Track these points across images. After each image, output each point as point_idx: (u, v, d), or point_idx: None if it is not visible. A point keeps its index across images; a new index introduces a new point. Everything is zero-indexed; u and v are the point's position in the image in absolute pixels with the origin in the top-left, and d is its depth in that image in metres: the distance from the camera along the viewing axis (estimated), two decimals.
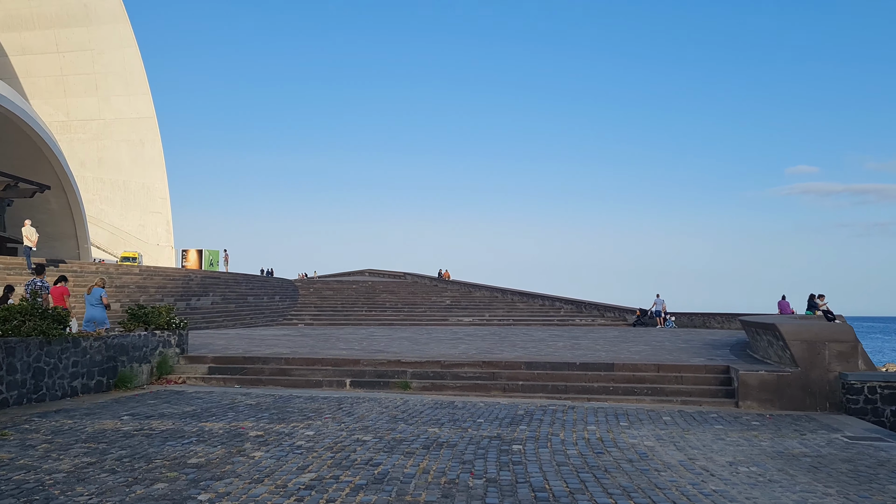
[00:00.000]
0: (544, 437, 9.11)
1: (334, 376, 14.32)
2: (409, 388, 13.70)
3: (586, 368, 13.81)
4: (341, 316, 39.37)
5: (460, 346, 19.30)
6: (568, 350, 17.98)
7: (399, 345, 19.63)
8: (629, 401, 12.56)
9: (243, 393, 13.13)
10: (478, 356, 15.64)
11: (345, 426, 9.64)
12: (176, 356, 15.26)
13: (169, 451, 7.92)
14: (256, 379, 14.43)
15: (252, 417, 10.30)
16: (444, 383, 13.71)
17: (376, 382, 13.93)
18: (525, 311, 41.89)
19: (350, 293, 47.60)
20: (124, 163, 72.28)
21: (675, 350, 18.30)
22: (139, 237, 71.68)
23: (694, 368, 13.48)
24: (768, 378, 12.00)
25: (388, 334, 25.66)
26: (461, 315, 39.54)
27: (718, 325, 36.08)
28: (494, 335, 25.47)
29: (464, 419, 10.38)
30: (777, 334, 12.47)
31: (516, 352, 17.19)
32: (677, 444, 8.71)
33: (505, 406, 11.76)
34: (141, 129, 72.84)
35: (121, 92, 71.56)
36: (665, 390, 12.83)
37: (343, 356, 15.53)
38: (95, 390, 12.83)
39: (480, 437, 8.97)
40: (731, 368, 13.07)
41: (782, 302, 33.06)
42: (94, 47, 69.42)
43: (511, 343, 20.77)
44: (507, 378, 13.72)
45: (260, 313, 36.96)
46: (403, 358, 15.01)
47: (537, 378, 13.65)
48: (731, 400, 12.35)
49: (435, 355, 15.78)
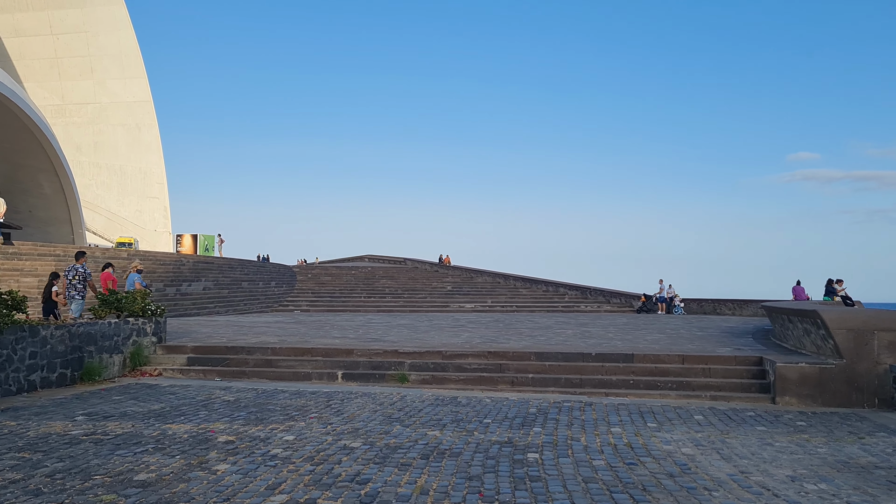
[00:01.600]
0: (563, 442, 7.80)
1: (325, 368, 13.03)
2: (407, 381, 12.40)
3: (603, 360, 12.49)
4: (339, 302, 38.11)
5: (463, 334, 18.00)
6: (579, 338, 16.68)
7: (397, 333, 18.34)
8: (652, 396, 11.26)
9: (223, 387, 11.84)
10: (482, 346, 14.34)
11: (331, 429, 8.34)
12: (152, 346, 13.96)
13: (116, 463, 6.61)
14: (239, 371, 13.14)
15: (226, 417, 9.00)
16: (446, 376, 12.41)
17: (371, 375, 12.63)
18: (528, 297, 40.60)
19: (349, 279, 46.33)
20: (121, 147, 70.87)
21: (693, 338, 17.00)
22: (136, 223, 70.39)
23: (723, 360, 12.17)
24: (809, 371, 10.68)
25: (387, 321, 24.38)
26: (463, 301, 38.27)
27: (729, 311, 34.80)
28: (498, 322, 24.18)
29: (468, 419, 9.08)
30: (818, 322, 11.15)
31: (523, 340, 15.89)
32: (721, 453, 7.40)
33: (514, 402, 10.46)
34: (137, 112, 71.38)
35: (116, 75, 70.05)
36: (692, 384, 11.53)
37: (335, 345, 14.22)
38: (58, 384, 11.53)
39: (489, 443, 7.67)
40: (764, 360, 11.75)
41: (797, 287, 31.76)
42: (88, 29, 67.85)
43: (516, 331, 19.48)
44: (516, 370, 12.42)
45: (254, 299, 35.69)
46: (401, 348, 13.71)
47: (549, 370, 12.35)
48: (767, 395, 11.04)
49: (435, 345, 14.49)
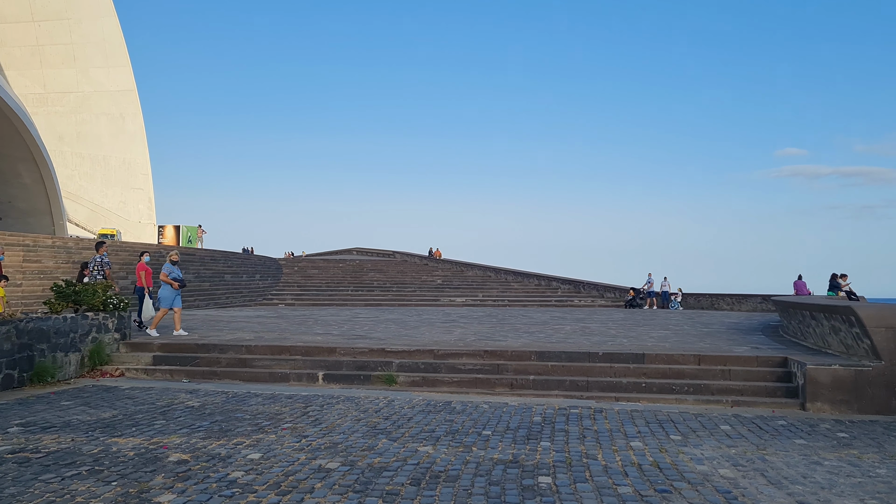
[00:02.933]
0: (578, 460, 6.65)
1: (305, 368, 11.82)
2: (396, 383, 11.22)
3: (611, 360, 11.35)
4: (325, 296, 36.85)
5: (455, 330, 16.83)
6: (579, 335, 15.55)
7: (385, 329, 17.14)
8: (667, 401, 10.13)
9: (190, 390, 10.62)
10: (477, 343, 13.18)
11: (306, 443, 7.15)
12: (115, 343, 12.71)
13: (36, 492, 5.40)
14: (210, 371, 11.91)
15: (185, 429, 7.79)
16: (438, 377, 11.23)
17: (355, 376, 11.43)
18: (520, 291, 39.50)
19: (336, 272, 45.07)
20: (104, 137, 69.20)
21: (701, 336, 15.91)
22: (120, 214, 68.79)
23: (743, 360, 11.05)
24: (844, 374, 9.58)
25: (375, 316, 23.18)
26: (453, 295, 37.11)
27: (728, 306, 33.81)
28: (491, 317, 23.03)
29: (465, 430, 7.92)
30: (852, 319, 10.05)
31: (521, 338, 14.73)
32: (766, 475, 6.26)
33: (515, 409, 9.30)
34: (121, 102, 69.72)
35: (100, 63, 68.34)
36: (710, 387, 10.40)
37: (317, 343, 13.01)
38: (3, 387, 10.27)
39: (491, 463, 6.50)
40: (790, 361, 10.65)
41: (798, 282, 30.83)
42: (71, 16, 66.13)
43: (512, 327, 18.33)
44: (515, 371, 11.25)
45: (237, 293, 34.37)
46: (389, 346, 12.51)
47: (552, 371, 11.19)
48: (795, 400, 9.93)
49: (426, 342, 13.30)
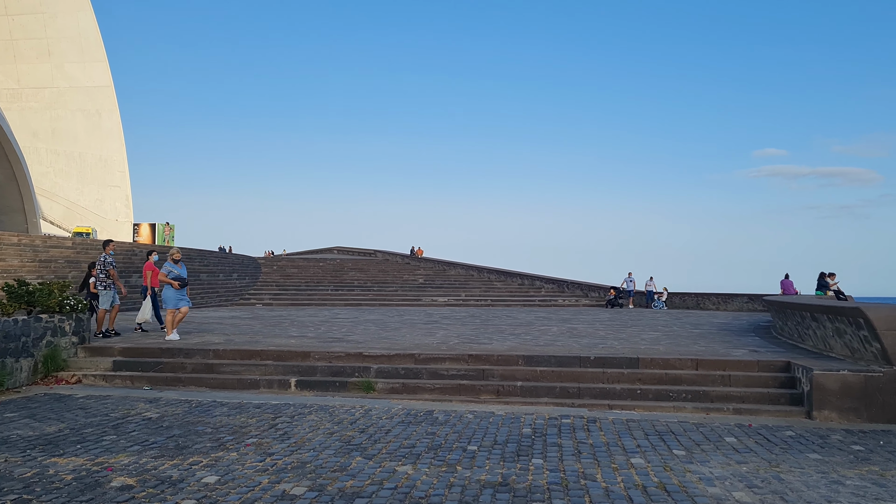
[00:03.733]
0: (575, 482, 5.94)
1: (276, 374, 11.04)
2: (374, 389, 10.48)
3: (604, 364, 10.68)
4: (304, 296, 35.96)
5: (437, 332, 16.10)
6: (567, 337, 14.88)
7: (364, 331, 16.37)
8: (665, 409, 9.47)
9: (150, 399, 9.80)
10: (461, 346, 12.45)
11: (270, 463, 6.39)
12: (72, 347, 11.85)
13: None
14: (174, 378, 11.08)
15: (137, 445, 7.00)
16: (419, 384, 10.50)
17: (330, 383, 10.66)
18: (503, 290, 38.86)
19: (316, 271, 44.17)
20: (80, 134, 67.75)
21: (692, 337, 15.31)
22: (97, 212, 67.39)
23: (743, 365, 10.41)
24: (853, 381, 8.96)
25: (354, 317, 22.39)
26: (435, 295, 36.38)
27: (714, 305, 33.38)
28: (474, 318, 22.33)
29: (449, 445, 7.19)
30: (860, 321, 9.44)
31: (507, 340, 14.03)
32: (786, 498, 5.59)
33: (502, 419, 8.59)
34: (97, 98, 68.28)
35: (75, 59, 66.89)
36: (709, 394, 9.75)
37: (290, 347, 12.22)
38: None
39: (478, 486, 5.78)
40: (793, 365, 10.02)
41: (785, 281, 30.42)
42: (45, 10, 64.67)
43: (496, 328, 17.63)
44: (502, 377, 10.54)
45: (213, 293, 33.38)
46: (367, 350, 11.75)
47: (541, 377, 10.49)
48: (799, 408, 9.31)
49: (407, 345, 12.56)
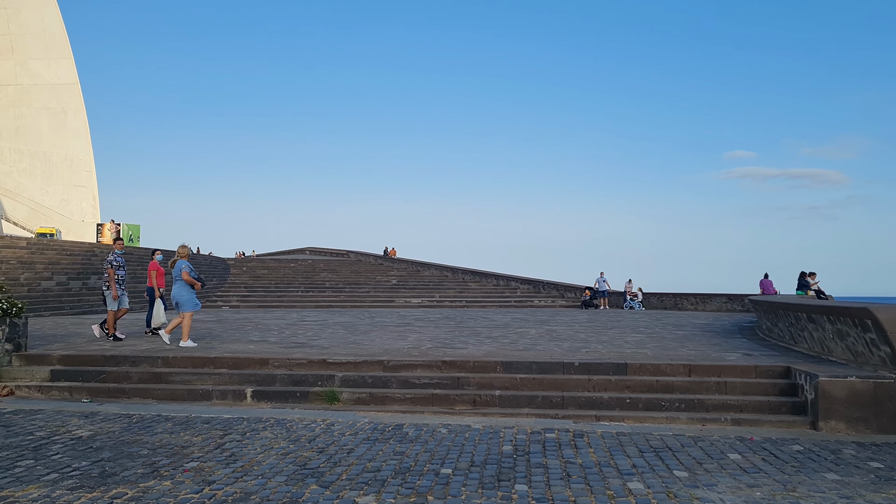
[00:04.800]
0: None
1: (231, 384, 10.05)
2: (338, 400, 9.53)
3: (589, 371, 9.83)
4: (273, 297, 34.81)
5: (409, 335, 15.18)
6: (547, 340, 14.05)
7: (332, 334, 15.39)
8: (657, 420, 8.66)
9: (86, 413, 8.76)
10: (434, 352, 11.55)
11: (209, 494, 5.42)
12: (6, 355, 10.74)
13: None
14: (117, 389, 10.04)
15: (54, 473, 5.99)
16: (388, 394, 9.57)
17: (290, 393, 9.70)
18: (478, 291, 38.06)
19: (286, 272, 43.00)
20: (45, 133, 65.78)
21: (678, 339, 14.58)
22: (62, 212, 65.48)
23: (739, 370, 9.64)
24: (862, 388, 8.22)
25: (323, 319, 21.39)
26: (409, 296, 35.44)
27: (692, 306, 32.82)
28: (449, 319, 21.44)
29: (419, 467, 6.28)
30: (867, 323, 8.71)
31: (483, 344, 13.16)
32: None
33: (480, 434, 7.70)
34: (63, 96, 66.35)
35: (40, 55, 64.93)
36: (705, 403, 8.96)
37: (248, 353, 11.23)
38: None
39: None
40: (794, 371, 9.26)
41: (765, 281, 30.02)
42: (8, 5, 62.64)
43: (472, 330, 16.75)
44: (478, 385, 9.65)
45: None
46: (332, 356, 10.79)
47: (521, 385, 9.62)
48: (803, 418, 8.55)
49: (376, 351, 11.63)
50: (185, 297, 12.64)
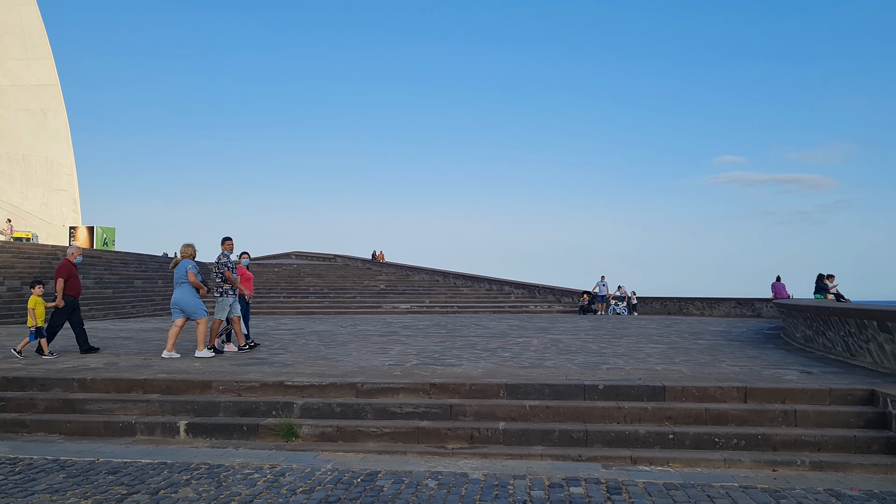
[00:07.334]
0: None
1: (161, 413, 7.91)
2: (297, 436, 7.42)
3: (617, 396, 7.75)
4: (252, 304, 32.59)
5: (393, 347, 13.07)
6: (555, 353, 11.98)
7: (302, 347, 13.27)
8: (712, 463, 6.58)
9: None
10: (421, 371, 9.44)
11: None
12: None
13: None
14: (16, 420, 7.87)
15: None
16: (361, 427, 7.46)
17: (236, 427, 7.57)
18: (471, 296, 35.97)
19: (269, 277, 40.74)
20: (24, 135, 63.53)
21: (702, 350, 12.57)
22: (42, 217, 63.12)
23: (809, 395, 7.58)
24: None
25: (300, 328, 19.27)
26: (397, 301, 33.31)
27: (698, 311, 30.82)
28: (439, 327, 19.33)
29: None
30: None
31: (480, 359, 11.06)
32: None
33: (481, 488, 5.61)
34: (42, 97, 64.15)
35: (18, 56, 62.70)
36: (771, 440, 6.90)
37: (187, 374, 9.08)
38: None
39: None
40: (880, 395, 7.22)
41: (777, 284, 28.10)
42: None
43: (466, 340, 14.66)
44: (477, 416, 7.55)
45: (147, 301, 29.84)
46: (291, 378, 8.65)
47: (531, 415, 7.53)
48: None
49: (349, 370, 9.49)
50: (192, 303, 11.32)
